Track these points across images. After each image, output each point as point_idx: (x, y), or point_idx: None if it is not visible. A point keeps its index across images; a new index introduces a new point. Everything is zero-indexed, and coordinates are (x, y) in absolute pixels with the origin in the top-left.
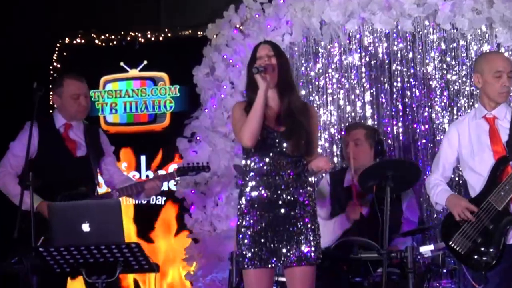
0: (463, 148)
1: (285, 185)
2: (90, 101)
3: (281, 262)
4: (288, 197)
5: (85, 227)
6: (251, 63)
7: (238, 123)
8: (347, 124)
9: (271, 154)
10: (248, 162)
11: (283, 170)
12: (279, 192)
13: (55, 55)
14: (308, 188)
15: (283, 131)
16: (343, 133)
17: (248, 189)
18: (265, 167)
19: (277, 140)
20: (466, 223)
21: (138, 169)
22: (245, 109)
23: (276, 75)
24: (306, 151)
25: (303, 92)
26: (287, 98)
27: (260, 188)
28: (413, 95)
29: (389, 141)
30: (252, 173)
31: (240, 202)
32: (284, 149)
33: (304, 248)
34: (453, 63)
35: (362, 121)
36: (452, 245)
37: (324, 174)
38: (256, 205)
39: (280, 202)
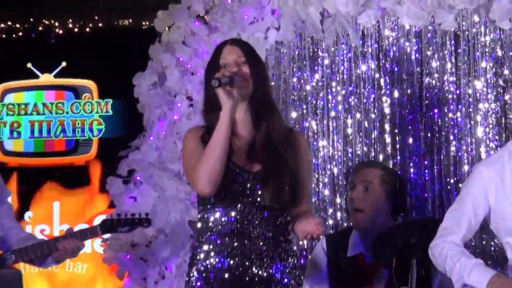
0: (504, 200)
1: (257, 253)
2: None
3: None
4: (260, 272)
5: None
6: (211, 71)
7: (191, 159)
8: (356, 162)
9: (239, 206)
10: (205, 216)
11: (256, 230)
12: (247, 263)
13: None
14: (290, 259)
15: (257, 171)
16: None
17: (202, 256)
18: (229, 225)
19: (248, 185)
20: None
21: (48, 221)
22: (203, 138)
23: (248, 89)
24: (292, 201)
25: (294, 115)
26: (264, 123)
27: (220, 256)
28: (455, 123)
29: (417, 190)
30: (209, 233)
31: (190, 274)
32: (258, 199)
33: None
34: None
35: (380, 160)
36: None
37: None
38: (212, 281)
39: (247, 278)
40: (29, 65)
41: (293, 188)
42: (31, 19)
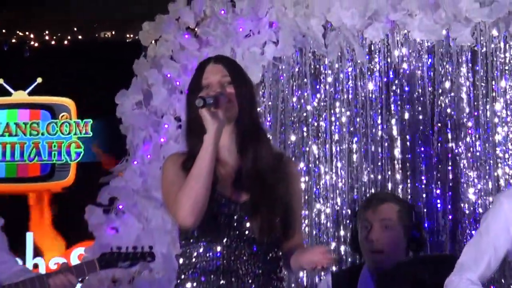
0: None
1: None
2: None
3: None
4: None
5: None
6: (193, 92)
7: (171, 188)
8: (363, 191)
9: (225, 239)
10: (188, 251)
11: (244, 266)
12: None
13: None
14: None
15: (245, 201)
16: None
17: None
18: (214, 261)
19: (235, 217)
20: None
21: (21, 252)
22: (184, 165)
23: (233, 111)
24: (283, 234)
25: (293, 138)
26: (251, 148)
27: None
28: (471, 148)
29: (428, 221)
30: (192, 270)
31: None
32: (246, 232)
33: None
34: None
35: (389, 189)
36: None
37: (323, 276)
38: None
39: None
40: (0, 81)
41: (284, 219)
42: (3, 30)
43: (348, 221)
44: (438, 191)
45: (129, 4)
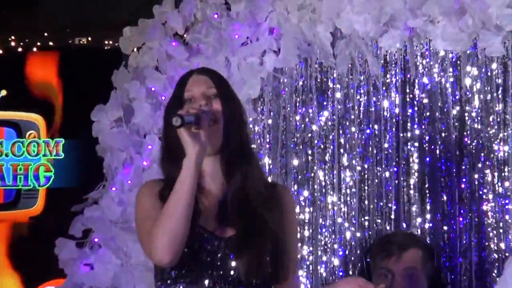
0: None
1: None
2: None
3: None
4: None
5: None
6: (173, 107)
7: (146, 220)
8: (375, 226)
9: (207, 281)
10: None
11: None
12: None
13: None
14: None
15: (230, 237)
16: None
17: None
18: None
19: (219, 255)
20: None
21: None
22: (161, 194)
23: (219, 131)
24: (274, 275)
25: (295, 162)
26: (239, 175)
27: None
28: (501, 176)
29: (450, 260)
30: None
31: None
32: (231, 272)
33: None
34: None
35: (404, 223)
36: None
37: None
38: None
39: None
40: None
41: (276, 258)
42: None
43: (357, 261)
44: (461, 225)
45: (108, 7)
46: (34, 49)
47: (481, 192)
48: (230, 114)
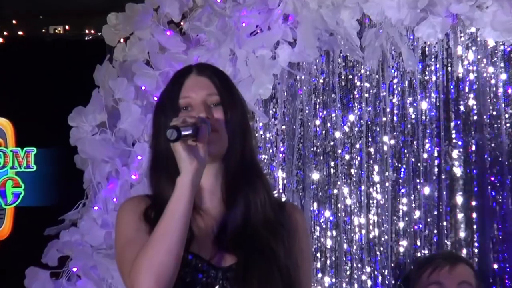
0: None
1: None
2: None
3: None
4: None
5: None
6: (165, 114)
7: (128, 246)
8: (411, 252)
9: None
10: None
11: None
12: None
13: None
14: None
15: (230, 267)
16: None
17: None
18: None
19: None
20: None
21: None
22: (146, 215)
23: (221, 144)
24: None
25: (316, 177)
26: (243, 194)
27: None
28: None
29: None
30: None
31: None
32: None
33: None
34: None
35: (448, 246)
36: None
37: None
38: None
39: None
40: None
41: None
42: None
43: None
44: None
45: None
46: (0, 40)
47: None
48: (234, 123)
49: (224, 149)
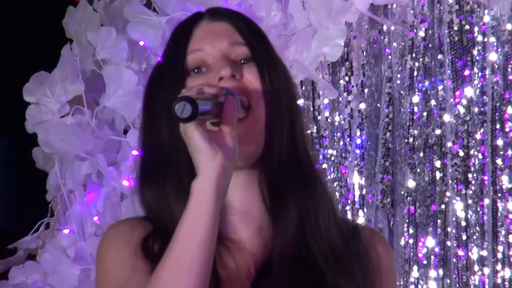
0: None
1: None
2: None
3: None
4: None
5: None
6: (165, 82)
7: None
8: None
9: None
10: None
11: None
12: None
13: None
14: None
15: None
16: None
17: None
18: None
19: None
20: None
21: None
22: (145, 246)
23: (256, 128)
24: None
25: (412, 184)
26: (295, 211)
27: None
28: None
29: None
30: None
31: None
32: None
33: None
34: None
35: None
36: None
37: None
38: None
39: None
40: None
41: None
42: None
43: None
44: None
45: None
46: None
47: None
48: (275, 95)
49: (261, 142)
